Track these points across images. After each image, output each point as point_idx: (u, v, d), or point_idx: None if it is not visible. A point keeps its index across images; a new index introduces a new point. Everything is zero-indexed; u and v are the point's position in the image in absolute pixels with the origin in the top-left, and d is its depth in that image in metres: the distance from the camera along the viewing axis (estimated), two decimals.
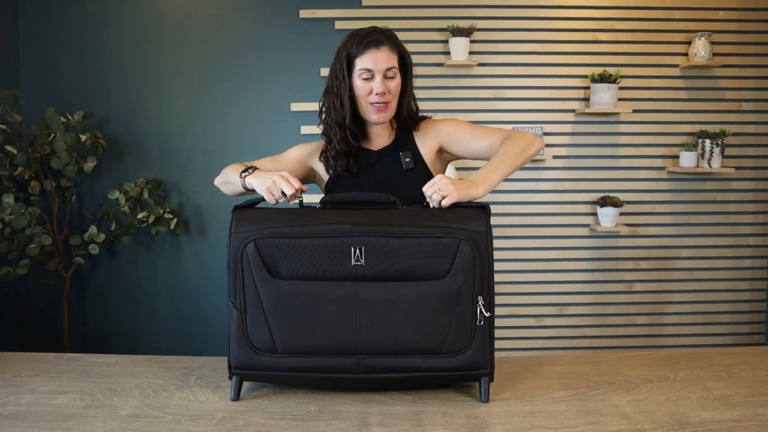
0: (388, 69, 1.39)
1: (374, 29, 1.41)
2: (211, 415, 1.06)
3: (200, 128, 3.06)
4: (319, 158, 1.49)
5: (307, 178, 1.53)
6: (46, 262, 2.85)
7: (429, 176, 1.41)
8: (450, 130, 1.49)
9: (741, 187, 3.11)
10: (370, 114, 1.42)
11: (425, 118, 1.54)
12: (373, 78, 1.38)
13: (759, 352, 1.38)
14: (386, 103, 1.41)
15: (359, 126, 1.45)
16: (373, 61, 1.37)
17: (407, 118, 1.49)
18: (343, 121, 1.41)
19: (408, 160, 1.43)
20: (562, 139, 3.07)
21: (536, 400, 1.13)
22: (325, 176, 1.49)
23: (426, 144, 1.48)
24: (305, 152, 1.52)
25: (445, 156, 1.51)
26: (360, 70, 1.38)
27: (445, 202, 1.16)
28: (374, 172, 1.45)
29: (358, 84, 1.39)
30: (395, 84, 1.41)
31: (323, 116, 1.46)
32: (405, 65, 1.45)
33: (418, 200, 1.22)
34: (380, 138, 1.50)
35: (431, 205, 1.18)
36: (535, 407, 1.09)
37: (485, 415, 1.06)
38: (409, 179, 1.41)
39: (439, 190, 1.17)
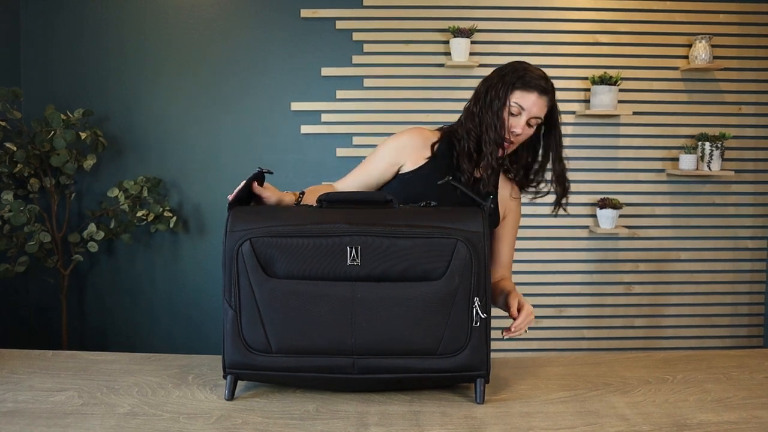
0: (535, 117, 1.39)
1: (544, 75, 1.42)
2: (209, 413, 1.06)
3: (200, 127, 3.07)
4: (432, 147, 1.45)
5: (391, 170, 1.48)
6: (45, 260, 2.85)
7: (497, 224, 1.50)
8: (511, 223, 1.55)
9: (740, 190, 3.11)
10: (500, 147, 1.41)
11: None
12: (518, 115, 1.38)
13: (757, 355, 1.38)
14: (513, 143, 1.41)
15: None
16: (528, 102, 1.37)
17: (518, 171, 1.50)
18: (502, 141, 1.39)
19: (493, 206, 1.45)
20: None
21: (534, 400, 1.13)
22: (411, 167, 1.44)
23: (502, 200, 1.50)
24: (398, 147, 1.46)
25: None
26: (514, 103, 1.38)
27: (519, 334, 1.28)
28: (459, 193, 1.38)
29: (505, 113, 1.38)
30: (528, 132, 1.41)
31: (473, 122, 1.42)
32: (547, 123, 1.44)
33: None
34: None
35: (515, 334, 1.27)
36: (533, 408, 1.09)
37: (483, 416, 1.06)
38: None
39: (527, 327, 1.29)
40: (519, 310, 1.29)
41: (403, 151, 1.45)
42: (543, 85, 1.38)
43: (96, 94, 3.03)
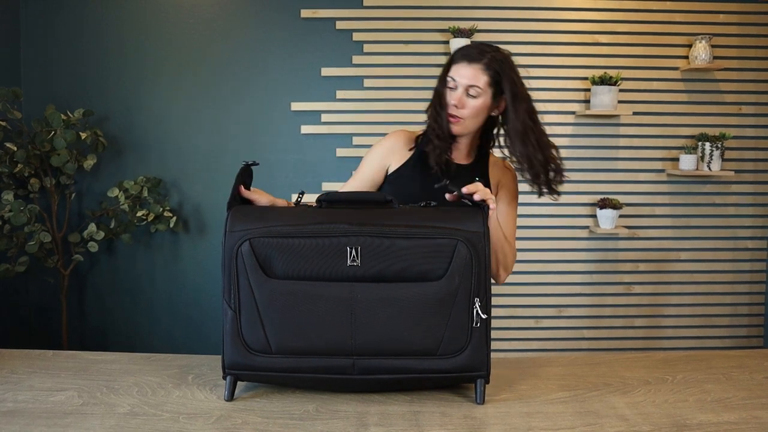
0: (471, 86, 1.39)
1: (485, 48, 1.42)
2: (208, 413, 1.06)
3: (200, 127, 3.07)
4: (410, 148, 1.50)
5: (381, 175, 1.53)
6: (45, 260, 2.85)
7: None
8: (505, 198, 1.54)
9: (740, 191, 3.11)
10: (447, 123, 1.44)
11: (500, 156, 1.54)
12: (455, 89, 1.41)
13: (757, 355, 1.38)
14: (459, 118, 1.42)
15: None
16: (457, 72, 1.40)
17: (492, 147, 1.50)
18: (446, 115, 1.43)
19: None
20: (562, 141, 3.08)
21: (534, 401, 1.13)
22: (396, 166, 1.49)
23: (493, 182, 1.53)
24: (383, 151, 1.51)
25: None
26: (449, 77, 1.42)
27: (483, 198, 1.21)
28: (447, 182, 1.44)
29: (446, 90, 1.43)
30: (473, 104, 1.41)
31: (429, 109, 1.49)
32: (501, 92, 1.42)
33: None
34: (459, 151, 1.51)
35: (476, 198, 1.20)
36: (533, 408, 1.09)
37: (483, 416, 1.06)
38: None
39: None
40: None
41: (388, 152, 1.51)
42: (471, 54, 1.40)
43: (96, 94, 3.04)
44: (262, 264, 1.07)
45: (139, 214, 2.88)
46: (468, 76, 1.39)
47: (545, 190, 1.48)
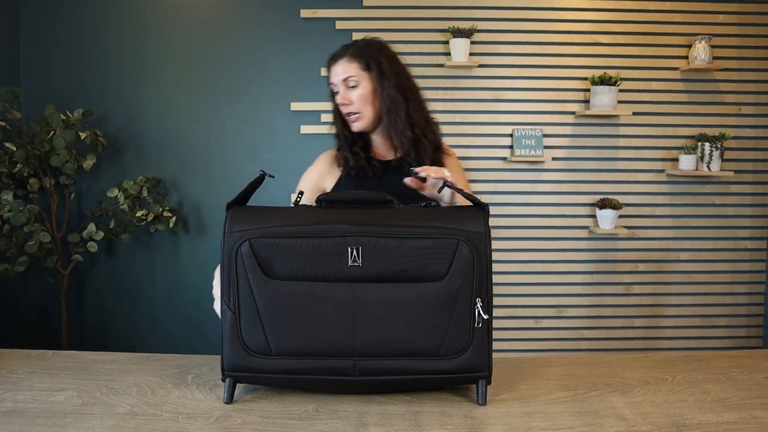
0: (345, 79, 1.46)
1: (348, 44, 1.49)
2: (208, 413, 1.06)
3: (200, 127, 3.07)
4: (338, 164, 1.55)
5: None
6: (45, 260, 2.85)
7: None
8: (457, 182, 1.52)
9: (740, 191, 3.12)
10: (350, 124, 1.51)
11: (436, 139, 1.55)
12: (338, 91, 1.48)
13: (756, 355, 1.38)
14: (354, 113, 1.48)
15: (361, 135, 1.53)
16: (332, 75, 1.48)
17: (402, 132, 1.47)
18: (338, 130, 1.54)
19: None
20: (561, 141, 3.08)
21: (534, 401, 1.13)
22: (332, 183, 1.56)
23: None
24: (315, 175, 1.59)
25: None
26: (330, 84, 1.50)
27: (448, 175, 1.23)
28: (385, 180, 1.48)
29: (336, 100, 1.50)
30: (358, 93, 1.46)
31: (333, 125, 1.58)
32: (373, 72, 1.46)
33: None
34: (382, 148, 1.55)
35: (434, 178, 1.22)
36: (533, 408, 1.09)
37: (483, 416, 1.06)
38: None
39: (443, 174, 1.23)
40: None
41: (320, 176, 1.58)
42: (336, 54, 1.48)
43: (96, 94, 3.04)
44: (261, 265, 1.06)
45: (139, 214, 2.88)
46: (339, 71, 1.46)
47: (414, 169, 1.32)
